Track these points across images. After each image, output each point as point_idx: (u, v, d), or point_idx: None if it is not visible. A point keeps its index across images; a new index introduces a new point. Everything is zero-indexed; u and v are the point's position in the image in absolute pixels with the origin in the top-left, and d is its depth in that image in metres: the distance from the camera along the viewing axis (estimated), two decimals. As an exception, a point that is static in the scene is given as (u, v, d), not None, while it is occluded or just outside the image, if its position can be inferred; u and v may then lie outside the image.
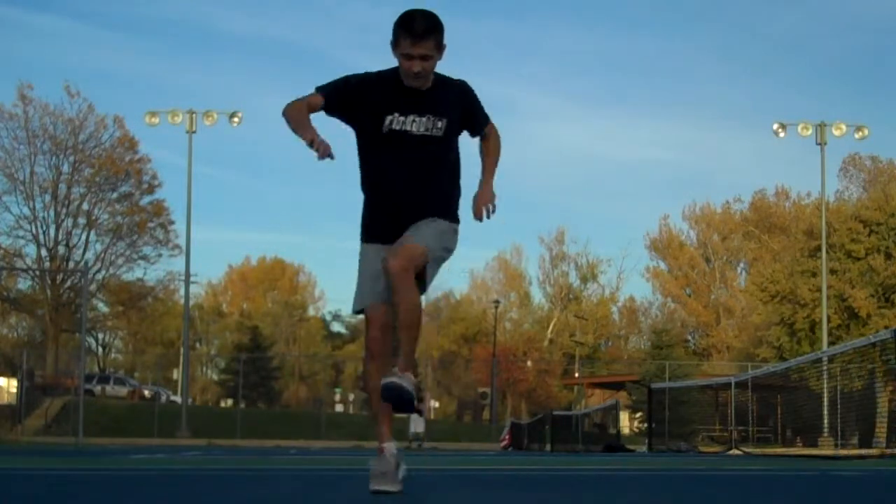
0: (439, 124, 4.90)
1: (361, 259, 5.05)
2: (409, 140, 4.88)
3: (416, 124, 4.88)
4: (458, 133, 5.03)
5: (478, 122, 5.11)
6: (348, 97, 4.89)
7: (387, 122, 4.86)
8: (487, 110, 5.16)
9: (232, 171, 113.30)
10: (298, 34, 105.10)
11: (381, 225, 4.99)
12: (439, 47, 4.82)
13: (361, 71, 4.99)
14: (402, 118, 4.86)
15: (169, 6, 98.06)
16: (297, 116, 4.79)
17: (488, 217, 5.03)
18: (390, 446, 4.91)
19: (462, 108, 5.00)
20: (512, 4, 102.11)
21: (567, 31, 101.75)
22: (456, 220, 5.05)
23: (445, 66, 4.98)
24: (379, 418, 5.00)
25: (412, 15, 4.79)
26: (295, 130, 4.73)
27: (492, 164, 5.18)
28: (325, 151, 4.63)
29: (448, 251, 5.01)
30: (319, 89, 4.90)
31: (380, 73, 4.95)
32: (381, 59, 4.98)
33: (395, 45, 4.81)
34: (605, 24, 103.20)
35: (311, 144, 4.63)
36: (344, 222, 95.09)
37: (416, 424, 37.78)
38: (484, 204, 5.03)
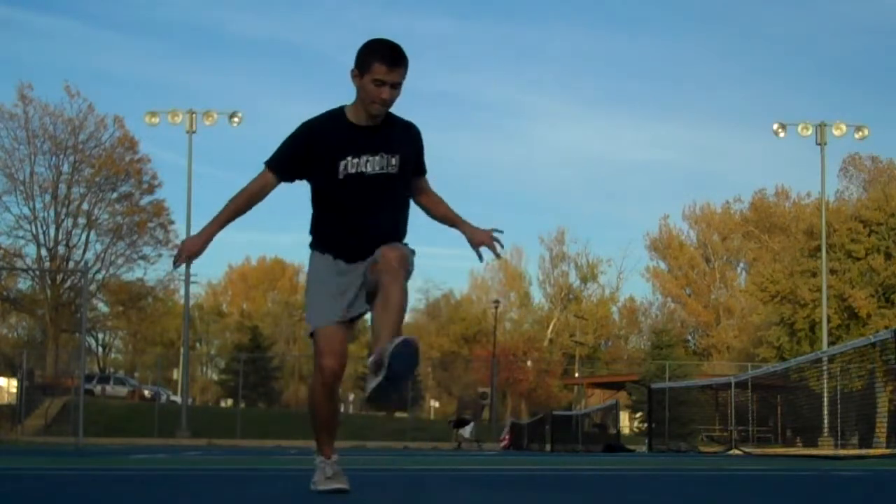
0: (393, 161, 4.84)
1: (318, 270, 4.93)
2: (366, 181, 4.81)
3: (370, 164, 4.81)
4: (411, 170, 4.95)
5: (420, 168, 5.05)
6: (299, 161, 4.84)
7: (341, 167, 4.79)
8: (491, 112, 5.17)
9: (232, 171, 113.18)
10: (299, 35, 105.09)
11: (340, 246, 4.91)
12: (405, 78, 4.78)
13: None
14: (356, 160, 4.79)
15: (169, 7, 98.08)
16: (230, 208, 4.87)
17: (501, 248, 5.03)
18: (335, 458, 4.99)
19: (413, 148, 4.96)
20: (514, 7, 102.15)
21: (568, 33, 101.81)
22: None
23: (447, 69, 4.96)
24: (327, 436, 5.01)
25: (385, 41, 4.76)
26: (211, 219, 4.84)
27: (453, 210, 5.16)
28: (179, 262, 4.80)
29: (411, 273, 4.94)
30: (270, 165, 4.87)
31: (329, 117, 4.87)
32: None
33: (365, 70, 4.71)
34: (605, 26, 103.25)
35: (180, 253, 4.79)
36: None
37: (466, 432, 38.49)
38: (489, 239, 5.02)
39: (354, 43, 5.08)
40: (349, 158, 4.80)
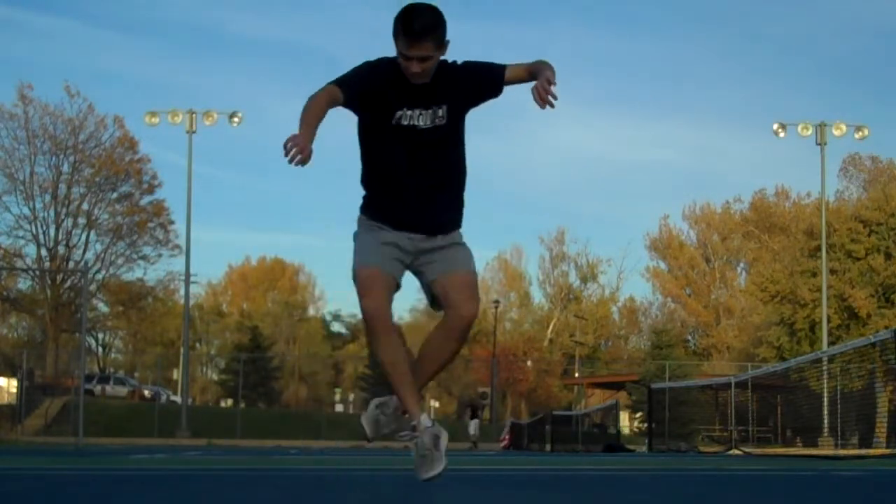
0: (440, 112, 4.78)
1: (365, 229, 4.86)
2: (418, 134, 4.78)
3: (423, 118, 4.77)
4: (463, 112, 4.87)
5: (495, 75, 4.91)
6: (363, 89, 4.73)
7: (397, 116, 4.76)
8: (491, 112, 5.06)
9: (232, 171, 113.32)
10: (298, 35, 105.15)
11: (391, 212, 4.84)
12: (440, 46, 4.67)
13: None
14: (410, 112, 4.76)
15: (169, 7, 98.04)
16: (311, 111, 4.57)
17: (553, 100, 4.79)
18: (424, 419, 4.77)
19: (465, 88, 4.85)
20: (515, 7, 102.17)
21: (568, 33, 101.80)
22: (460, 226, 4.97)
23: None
24: (405, 389, 4.81)
25: (411, 12, 4.62)
26: (299, 124, 4.51)
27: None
28: (296, 158, 4.31)
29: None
30: (335, 83, 4.71)
31: (389, 62, 4.77)
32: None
33: (395, 40, 4.68)
34: (605, 26, 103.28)
35: (287, 143, 4.31)
36: (344, 222, 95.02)
37: (472, 427, 39.32)
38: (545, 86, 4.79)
39: (355, 43, 5.10)
40: (404, 110, 4.76)
